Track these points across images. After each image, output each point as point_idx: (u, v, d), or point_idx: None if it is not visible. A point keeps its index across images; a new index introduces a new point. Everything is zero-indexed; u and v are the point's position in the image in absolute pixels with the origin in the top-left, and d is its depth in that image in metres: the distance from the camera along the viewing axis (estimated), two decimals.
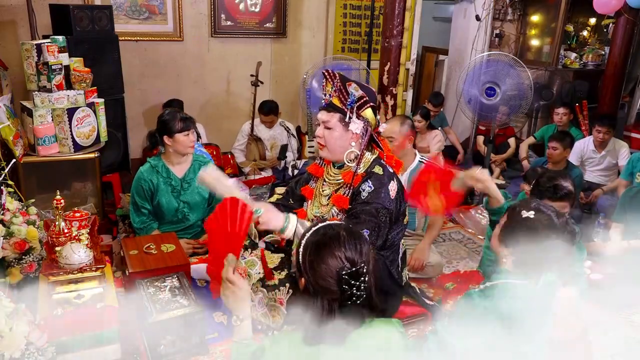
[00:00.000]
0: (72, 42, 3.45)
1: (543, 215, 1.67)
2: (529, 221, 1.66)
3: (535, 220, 1.66)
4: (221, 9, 5.04)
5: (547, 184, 2.34)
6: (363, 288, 1.29)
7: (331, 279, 1.28)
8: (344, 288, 1.28)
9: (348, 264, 1.29)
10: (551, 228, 1.65)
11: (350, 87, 2.02)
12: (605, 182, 4.50)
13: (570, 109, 5.00)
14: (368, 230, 1.98)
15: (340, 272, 1.28)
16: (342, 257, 1.29)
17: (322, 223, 1.42)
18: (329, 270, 1.29)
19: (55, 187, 2.21)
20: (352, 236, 1.34)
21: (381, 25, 4.31)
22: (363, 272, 1.29)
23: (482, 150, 5.35)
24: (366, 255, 1.32)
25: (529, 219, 1.66)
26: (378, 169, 2.08)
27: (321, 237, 1.34)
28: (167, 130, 2.76)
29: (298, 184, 2.40)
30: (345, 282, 1.27)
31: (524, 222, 1.67)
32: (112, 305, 1.99)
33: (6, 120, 2.93)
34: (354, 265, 1.29)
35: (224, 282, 1.52)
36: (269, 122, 4.83)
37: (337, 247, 1.30)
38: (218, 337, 2.12)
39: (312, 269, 1.31)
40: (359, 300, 1.29)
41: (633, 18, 4.88)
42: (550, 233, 1.64)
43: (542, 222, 1.65)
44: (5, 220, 2.18)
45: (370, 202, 2.02)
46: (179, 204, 2.85)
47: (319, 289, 1.31)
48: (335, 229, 1.36)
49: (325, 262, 1.29)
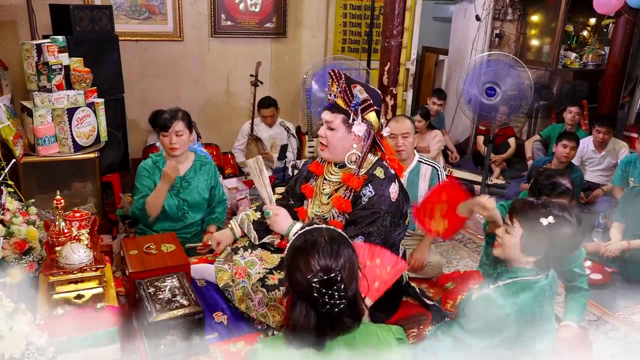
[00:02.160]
0: (72, 42, 3.45)
1: (561, 218, 1.69)
2: (551, 227, 1.68)
3: (557, 225, 1.68)
4: (221, 9, 5.05)
5: (546, 181, 2.36)
6: (338, 296, 1.26)
7: (304, 285, 1.27)
8: (316, 296, 1.26)
9: (321, 272, 1.27)
10: (571, 227, 1.69)
11: (355, 89, 2.02)
12: (605, 182, 4.50)
13: (581, 108, 5.00)
14: (363, 237, 1.98)
15: (310, 280, 1.26)
16: (314, 265, 1.27)
17: (309, 227, 1.41)
18: (301, 276, 1.28)
19: (55, 187, 2.21)
20: (332, 242, 1.32)
21: (381, 25, 4.31)
22: (337, 280, 1.26)
23: (482, 150, 5.35)
24: (345, 262, 1.30)
25: (550, 225, 1.68)
26: (379, 171, 2.08)
27: (301, 243, 1.33)
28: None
29: (298, 182, 2.40)
30: (316, 290, 1.25)
31: (545, 230, 1.68)
32: (112, 305, 1.99)
33: (6, 120, 2.93)
34: (327, 273, 1.26)
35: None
36: (270, 117, 4.81)
37: (311, 254, 1.29)
38: (218, 337, 2.11)
39: (289, 274, 1.31)
40: (335, 308, 1.26)
41: (633, 18, 4.88)
42: (574, 234, 1.69)
43: (564, 226, 1.68)
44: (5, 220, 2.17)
45: (370, 208, 2.02)
46: (178, 201, 2.85)
47: (297, 294, 1.30)
48: (315, 235, 1.34)
49: (298, 268, 1.29)
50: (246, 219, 2.37)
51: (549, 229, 1.68)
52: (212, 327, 2.15)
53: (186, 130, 2.77)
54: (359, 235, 1.97)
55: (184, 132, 2.76)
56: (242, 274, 2.21)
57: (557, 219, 1.68)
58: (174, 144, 2.73)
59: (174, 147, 2.74)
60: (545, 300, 1.74)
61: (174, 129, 2.72)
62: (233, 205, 3.79)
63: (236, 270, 2.23)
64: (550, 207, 1.71)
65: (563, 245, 1.69)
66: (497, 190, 4.84)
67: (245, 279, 2.19)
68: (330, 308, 1.26)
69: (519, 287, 1.73)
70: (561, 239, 1.68)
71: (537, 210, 1.72)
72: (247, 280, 2.17)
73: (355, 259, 1.35)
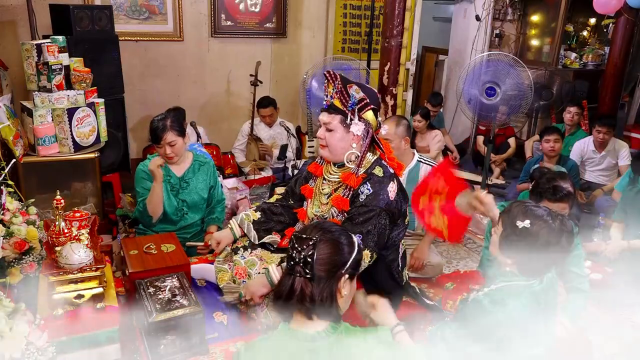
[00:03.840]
0: (72, 42, 3.45)
1: (538, 222, 1.64)
2: (526, 231, 1.64)
3: (531, 230, 1.64)
4: (221, 9, 5.05)
5: (547, 185, 2.32)
6: (303, 256, 1.34)
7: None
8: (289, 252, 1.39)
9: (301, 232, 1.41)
10: (550, 234, 1.63)
11: (351, 89, 2.02)
12: (605, 182, 4.50)
13: (581, 108, 5.01)
14: (361, 235, 1.98)
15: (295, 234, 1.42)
16: (303, 228, 1.45)
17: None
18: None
19: (55, 187, 2.21)
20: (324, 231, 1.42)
21: (381, 25, 4.31)
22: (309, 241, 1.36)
23: (482, 150, 5.35)
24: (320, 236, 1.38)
25: (525, 229, 1.64)
26: (378, 170, 2.08)
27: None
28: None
29: (297, 183, 2.40)
30: (291, 242, 1.39)
31: (521, 233, 1.65)
32: (112, 305, 1.99)
33: (6, 120, 2.93)
34: (302, 232, 1.40)
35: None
36: (269, 117, 4.81)
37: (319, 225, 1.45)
38: (218, 337, 2.12)
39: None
40: (296, 267, 1.35)
41: (633, 18, 4.88)
42: (550, 239, 1.63)
43: (540, 231, 1.63)
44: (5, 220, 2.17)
45: (367, 205, 2.02)
46: (177, 202, 2.84)
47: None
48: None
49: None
50: (246, 219, 2.37)
51: (525, 233, 1.64)
52: (212, 327, 2.15)
53: (178, 138, 2.75)
54: (356, 233, 1.97)
55: (176, 140, 2.74)
56: (242, 274, 2.21)
57: (533, 224, 1.63)
58: (168, 154, 2.74)
59: (170, 156, 2.75)
60: (540, 306, 1.69)
61: (166, 140, 2.71)
62: (233, 205, 3.78)
63: (236, 270, 2.23)
64: (531, 211, 1.67)
65: (539, 250, 1.63)
66: (497, 190, 4.84)
67: (245, 278, 2.19)
68: (292, 265, 1.36)
69: (508, 291, 1.69)
70: (537, 244, 1.63)
71: (518, 211, 1.69)
72: (248, 280, 2.17)
73: (338, 264, 1.39)
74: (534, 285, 1.69)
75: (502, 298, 1.68)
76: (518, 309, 1.65)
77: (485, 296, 1.72)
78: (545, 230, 1.63)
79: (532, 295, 1.68)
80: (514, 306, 1.65)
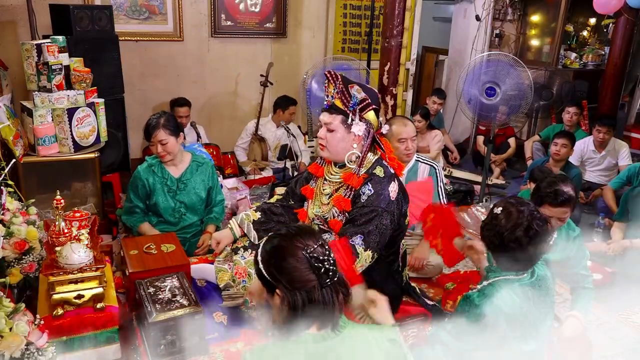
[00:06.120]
0: (72, 42, 3.45)
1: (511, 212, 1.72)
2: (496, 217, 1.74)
3: (502, 217, 1.72)
4: (221, 9, 5.05)
5: (548, 189, 2.28)
6: (333, 262, 1.32)
7: (303, 266, 1.30)
8: (318, 266, 1.30)
9: (311, 245, 1.32)
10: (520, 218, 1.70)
11: (353, 89, 2.02)
12: (606, 182, 4.50)
13: (580, 109, 5.00)
14: (362, 236, 1.97)
15: (308, 255, 1.30)
16: (302, 243, 1.32)
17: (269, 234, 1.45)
18: (298, 259, 1.30)
19: (55, 187, 2.21)
20: (301, 229, 1.40)
21: (381, 25, 4.31)
22: (324, 245, 1.33)
23: (482, 150, 5.35)
24: (319, 237, 1.37)
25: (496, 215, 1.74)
26: (379, 170, 2.08)
27: (276, 241, 1.36)
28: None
29: (298, 184, 2.40)
30: (315, 259, 1.30)
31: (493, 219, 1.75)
32: (112, 305, 1.99)
33: (6, 120, 2.93)
34: (315, 243, 1.32)
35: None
36: (290, 115, 4.85)
37: (294, 239, 1.34)
38: (218, 337, 2.12)
39: (281, 271, 1.31)
40: (336, 276, 1.32)
41: (633, 18, 4.89)
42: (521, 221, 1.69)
43: (509, 221, 1.70)
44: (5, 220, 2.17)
45: (368, 206, 2.02)
46: (175, 204, 2.84)
47: (297, 284, 1.30)
48: (281, 230, 1.42)
49: (291, 255, 1.31)
50: (246, 219, 2.37)
51: (495, 219, 1.73)
52: (212, 327, 2.15)
53: (170, 137, 2.75)
54: (358, 234, 1.97)
55: (168, 139, 2.74)
56: (242, 273, 2.21)
57: (504, 211, 1.72)
58: (160, 152, 2.76)
59: (161, 154, 2.77)
60: (531, 300, 1.71)
61: (157, 138, 2.73)
62: (233, 205, 3.78)
63: (236, 270, 2.23)
64: (506, 200, 1.77)
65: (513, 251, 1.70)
66: (497, 190, 4.85)
67: (245, 278, 2.19)
68: (332, 276, 1.31)
69: (497, 286, 1.72)
70: (504, 232, 1.70)
71: (498, 202, 1.80)
72: (248, 280, 2.17)
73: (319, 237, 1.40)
74: (524, 280, 1.74)
75: (492, 293, 1.71)
76: (508, 303, 1.68)
77: (476, 292, 1.76)
78: (514, 220, 1.69)
79: (522, 288, 1.72)
80: (504, 300, 1.68)
